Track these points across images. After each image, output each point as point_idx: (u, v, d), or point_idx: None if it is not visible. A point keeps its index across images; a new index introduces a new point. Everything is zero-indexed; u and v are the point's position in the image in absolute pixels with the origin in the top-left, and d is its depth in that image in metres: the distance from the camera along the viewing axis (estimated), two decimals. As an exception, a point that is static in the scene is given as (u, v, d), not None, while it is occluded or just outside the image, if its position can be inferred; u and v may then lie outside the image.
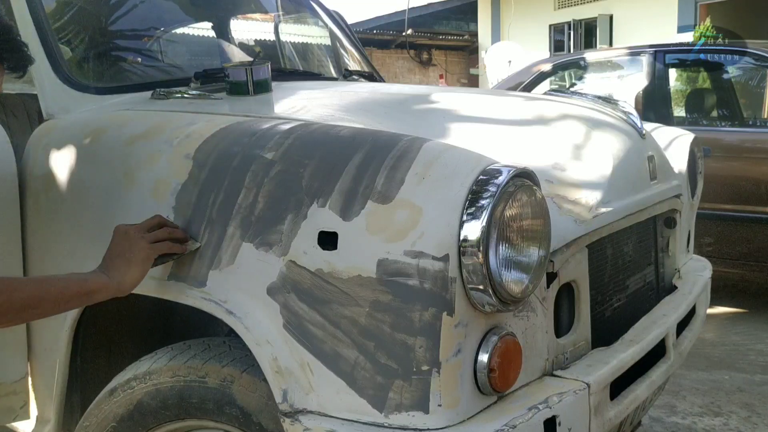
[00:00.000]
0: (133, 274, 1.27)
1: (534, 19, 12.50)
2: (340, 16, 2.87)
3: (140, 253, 1.27)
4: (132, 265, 1.27)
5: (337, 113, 1.59)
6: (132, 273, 1.27)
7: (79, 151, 1.54)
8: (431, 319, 1.12)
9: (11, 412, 1.64)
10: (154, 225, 1.32)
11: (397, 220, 1.14)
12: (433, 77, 15.31)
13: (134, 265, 1.27)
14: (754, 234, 3.79)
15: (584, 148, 1.66)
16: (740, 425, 2.68)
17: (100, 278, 1.24)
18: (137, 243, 1.27)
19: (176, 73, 2.08)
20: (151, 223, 1.33)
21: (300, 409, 1.20)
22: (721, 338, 3.68)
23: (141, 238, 1.28)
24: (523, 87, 4.85)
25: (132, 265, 1.27)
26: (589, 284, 1.47)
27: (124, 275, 1.26)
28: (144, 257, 1.27)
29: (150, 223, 1.33)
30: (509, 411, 1.20)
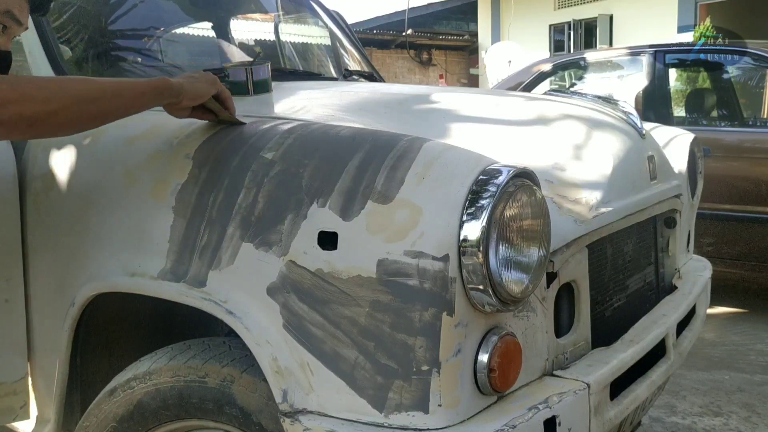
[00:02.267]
0: (199, 87, 1.34)
1: (534, 19, 12.50)
2: (340, 16, 2.87)
3: (209, 76, 1.37)
4: (200, 81, 1.34)
5: (337, 113, 1.59)
6: (198, 86, 1.34)
7: (79, 151, 1.54)
8: (431, 319, 1.12)
9: (11, 412, 1.64)
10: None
11: (397, 220, 1.14)
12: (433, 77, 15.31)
13: (201, 81, 1.34)
14: (754, 234, 3.79)
15: (584, 148, 1.66)
16: (740, 425, 2.68)
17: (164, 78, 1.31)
18: (206, 75, 1.37)
19: (176, 73, 2.08)
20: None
21: (300, 409, 1.20)
22: (721, 338, 3.68)
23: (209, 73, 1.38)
24: (523, 87, 4.85)
25: (200, 81, 1.34)
26: (589, 284, 1.47)
27: (191, 85, 1.33)
28: (212, 80, 1.36)
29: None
30: (509, 411, 1.20)
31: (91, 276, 1.47)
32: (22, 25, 1.28)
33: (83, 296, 1.45)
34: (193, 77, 1.35)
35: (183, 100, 1.33)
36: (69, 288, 1.51)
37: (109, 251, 1.44)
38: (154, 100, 1.30)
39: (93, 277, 1.46)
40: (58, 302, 1.55)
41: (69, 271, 1.53)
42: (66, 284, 1.53)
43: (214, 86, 1.36)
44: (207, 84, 1.35)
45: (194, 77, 1.35)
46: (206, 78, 1.37)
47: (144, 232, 1.40)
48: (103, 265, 1.46)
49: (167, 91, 1.30)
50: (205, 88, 1.35)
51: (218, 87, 1.38)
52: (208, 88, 1.35)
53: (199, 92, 1.34)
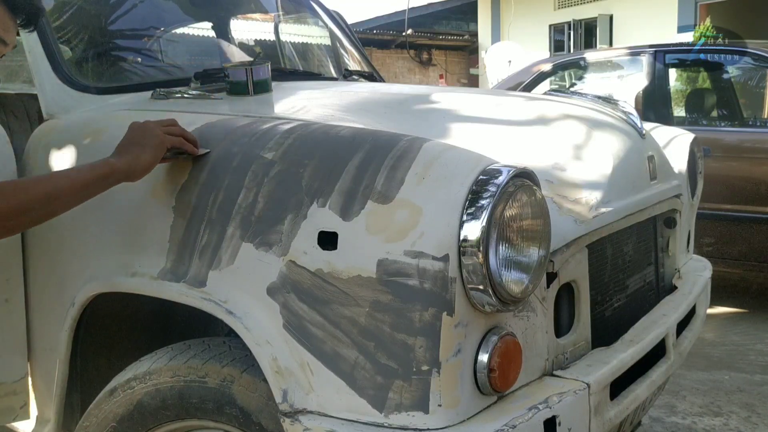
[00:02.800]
0: (146, 158, 1.29)
1: (534, 19, 12.50)
2: (340, 16, 2.87)
3: (153, 139, 1.30)
4: (145, 150, 1.29)
5: (337, 113, 1.59)
6: (144, 157, 1.29)
7: (79, 151, 1.54)
8: (431, 319, 1.12)
9: (11, 412, 1.64)
10: (169, 123, 1.36)
11: (397, 220, 1.14)
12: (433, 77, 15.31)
13: (147, 150, 1.29)
14: (754, 234, 3.79)
15: (584, 148, 1.66)
16: (740, 425, 2.68)
17: (112, 163, 1.27)
18: (152, 130, 1.30)
19: (176, 73, 2.08)
20: (166, 121, 1.37)
21: (300, 409, 1.20)
22: (721, 338, 3.68)
23: (156, 126, 1.31)
24: (523, 87, 4.85)
25: (145, 150, 1.29)
26: (589, 284, 1.47)
27: (137, 159, 1.28)
28: (158, 143, 1.30)
29: (166, 121, 1.37)
30: (509, 411, 1.20)
31: (91, 276, 1.47)
32: (8, 44, 1.27)
33: (83, 296, 1.45)
34: (139, 146, 1.29)
35: (135, 176, 1.30)
36: (69, 288, 1.51)
37: (109, 251, 1.44)
38: (103, 187, 1.28)
39: (93, 277, 1.46)
40: (58, 302, 1.55)
41: (69, 271, 1.53)
42: (66, 284, 1.53)
43: (162, 147, 1.31)
44: (155, 149, 1.30)
45: (141, 145, 1.29)
46: (153, 143, 1.30)
47: (144, 232, 1.40)
48: (103, 265, 1.46)
49: (114, 176, 1.27)
50: (152, 156, 1.30)
51: (167, 144, 1.32)
52: (156, 152, 1.30)
53: (148, 163, 1.30)
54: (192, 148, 1.35)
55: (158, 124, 1.35)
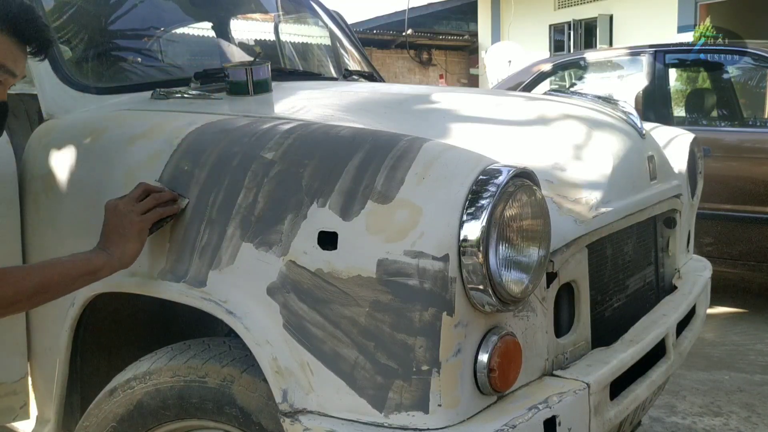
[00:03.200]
0: (132, 247, 1.30)
1: (534, 19, 12.50)
2: (340, 16, 2.87)
3: (133, 227, 1.30)
4: (129, 240, 1.30)
5: (337, 113, 1.59)
6: (130, 246, 1.30)
7: (79, 151, 1.54)
8: (431, 319, 1.12)
9: (11, 412, 1.64)
10: (141, 194, 1.34)
11: (397, 220, 1.14)
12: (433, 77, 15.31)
13: (131, 240, 1.30)
14: (754, 234, 3.79)
15: (584, 148, 1.66)
16: (740, 425, 2.68)
17: (102, 256, 1.28)
18: (128, 218, 1.30)
19: (176, 73, 2.08)
20: (137, 193, 1.34)
21: (300, 409, 1.20)
22: (721, 338, 3.68)
23: (131, 212, 1.31)
24: (523, 87, 4.85)
25: (129, 240, 1.30)
26: (589, 284, 1.47)
27: (124, 250, 1.29)
28: (138, 230, 1.31)
29: (137, 194, 1.34)
30: (509, 411, 1.20)
31: (91, 276, 1.47)
32: (17, 76, 1.27)
33: (83, 296, 1.45)
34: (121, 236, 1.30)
35: (126, 266, 1.31)
36: (69, 288, 1.51)
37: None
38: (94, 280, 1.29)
39: (93, 277, 1.46)
40: (58, 302, 1.54)
41: (69, 271, 1.53)
42: (66, 284, 1.53)
43: (144, 232, 1.31)
44: (137, 236, 1.30)
45: (123, 235, 1.30)
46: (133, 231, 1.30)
47: (144, 232, 1.40)
48: (103, 265, 1.46)
49: (107, 269, 1.28)
50: (138, 243, 1.31)
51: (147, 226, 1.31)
52: (140, 238, 1.31)
53: (135, 251, 1.31)
54: (171, 210, 1.34)
55: (131, 203, 1.32)
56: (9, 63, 1.23)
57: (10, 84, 1.28)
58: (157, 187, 1.36)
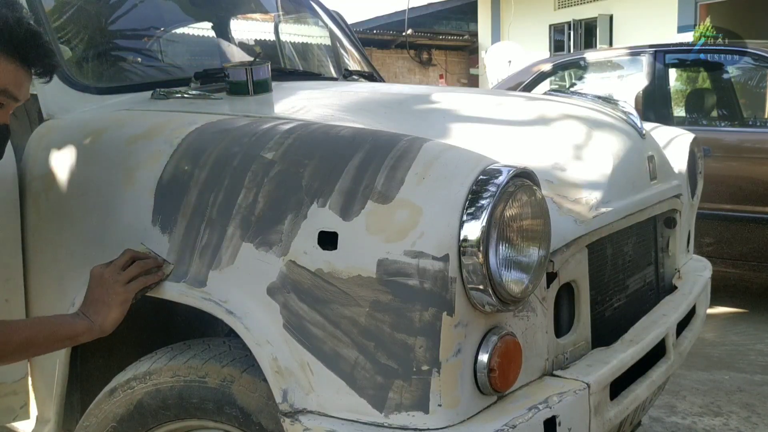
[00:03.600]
0: (113, 316, 1.33)
1: (534, 19, 12.50)
2: (340, 16, 2.87)
3: (117, 297, 1.33)
4: (111, 309, 1.33)
5: (337, 113, 1.59)
6: (112, 315, 1.33)
7: (79, 151, 1.54)
8: (431, 319, 1.12)
9: (11, 412, 1.64)
10: (126, 262, 1.36)
11: (397, 220, 1.14)
12: (433, 77, 15.31)
13: (113, 308, 1.33)
14: (754, 234, 3.79)
15: (584, 148, 1.66)
16: (740, 425, 2.68)
17: (84, 323, 1.32)
18: (113, 287, 1.33)
19: (176, 73, 2.08)
20: (123, 261, 1.36)
21: (300, 409, 1.20)
22: (721, 338, 3.68)
23: (115, 282, 1.33)
24: (523, 87, 4.85)
25: (111, 309, 1.33)
26: (589, 284, 1.47)
27: (105, 318, 1.32)
28: (121, 300, 1.33)
29: (122, 261, 1.36)
30: (509, 411, 1.20)
31: (91, 276, 1.47)
32: (20, 100, 1.28)
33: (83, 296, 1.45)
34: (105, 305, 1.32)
35: (106, 333, 1.33)
36: (69, 288, 1.51)
37: (109, 251, 1.44)
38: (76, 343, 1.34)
39: (93, 277, 1.46)
40: (58, 302, 1.55)
41: (69, 271, 1.53)
42: (66, 284, 1.53)
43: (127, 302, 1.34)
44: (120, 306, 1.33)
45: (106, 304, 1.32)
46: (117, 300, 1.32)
47: (144, 232, 1.40)
48: (103, 265, 1.46)
49: (87, 335, 1.31)
50: (120, 312, 1.33)
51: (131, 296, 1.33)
52: (123, 308, 1.33)
53: (117, 319, 1.33)
54: (155, 278, 1.35)
55: (116, 274, 1.33)
56: (12, 88, 1.24)
57: (12, 108, 1.28)
58: (142, 254, 1.37)
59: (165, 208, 1.38)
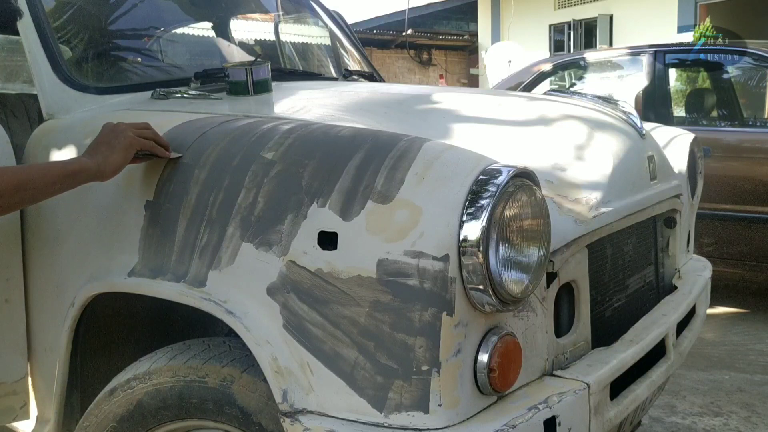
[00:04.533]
0: (115, 158, 1.31)
1: (534, 19, 12.50)
2: (340, 16, 2.87)
3: (124, 140, 1.31)
4: (114, 150, 1.30)
5: (337, 113, 1.59)
6: (114, 157, 1.31)
7: (79, 151, 1.54)
8: (431, 319, 1.12)
9: (11, 412, 1.64)
10: (142, 126, 1.37)
11: (397, 220, 1.14)
12: (433, 77, 15.31)
13: (117, 151, 1.31)
14: (754, 234, 3.79)
15: (584, 148, 1.66)
16: (740, 425, 2.68)
17: (81, 160, 1.29)
18: (123, 132, 1.32)
19: (176, 73, 2.08)
20: (140, 124, 1.37)
21: (300, 409, 1.20)
22: (721, 338, 3.68)
23: (128, 128, 1.32)
24: (523, 87, 4.85)
25: (114, 150, 1.30)
26: (589, 284, 1.47)
27: (106, 158, 1.30)
28: (127, 144, 1.31)
29: (139, 124, 1.37)
30: (509, 411, 1.20)
31: (90, 276, 1.47)
32: None
33: (83, 296, 1.45)
34: (109, 147, 1.32)
35: (105, 176, 1.32)
36: (69, 288, 1.51)
37: (109, 251, 1.44)
38: (73, 185, 1.30)
39: (93, 277, 1.46)
40: (58, 302, 1.55)
41: (69, 271, 1.53)
42: (66, 284, 1.53)
43: (132, 149, 1.33)
44: (124, 150, 1.32)
45: (110, 146, 1.31)
46: (123, 144, 1.32)
47: (144, 233, 1.40)
48: (103, 266, 1.46)
49: (84, 174, 1.29)
50: (122, 157, 1.32)
51: (137, 146, 1.34)
52: (126, 154, 1.32)
53: (117, 163, 1.32)
54: (163, 152, 1.36)
55: (130, 126, 1.35)
56: None
57: None
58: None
59: (165, 208, 1.37)
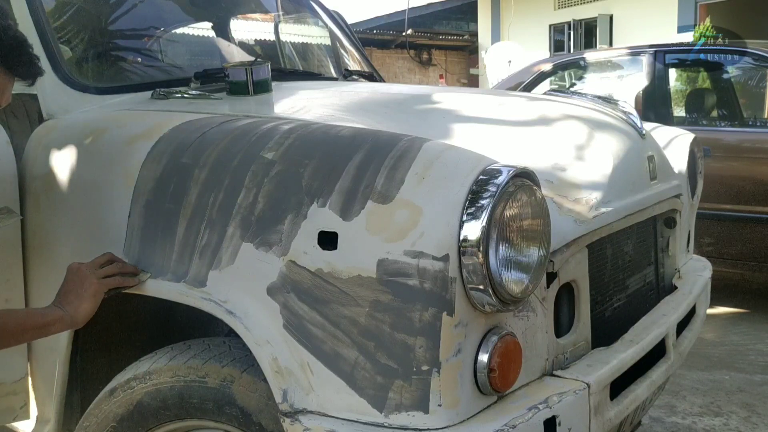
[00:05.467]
0: (85, 307, 1.34)
1: (534, 19, 12.50)
2: (340, 16, 2.87)
3: (90, 288, 1.34)
4: (83, 300, 1.34)
5: (337, 113, 1.59)
6: (84, 307, 1.34)
7: (79, 151, 1.54)
8: (431, 319, 1.12)
9: (11, 412, 1.64)
10: (104, 262, 1.39)
11: (397, 220, 1.14)
12: (433, 77, 15.30)
13: (85, 300, 1.34)
14: (754, 234, 3.79)
15: (584, 148, 1.66)
16: (740, 425, 2.68)
17: (56, 312, 1.33)
18: (87, 279, 1.35)
19: (176, 73, 2.08)
20: (101, 260, 1.39)
21: (300, 409, 1.20)
22: (721, 338, 3.68)
23: (91, 274, 1.35)
24: (523, 87, 4.84)
25: (83, 300, 1.34)
26: (589, 284, 1.47)
27: (77, 309, 1.33)
28: (93, 292, 1.34)
29: (101, 260, 1.39)
30: (509, 411, 1.20)
31: (91, 276, 1.47)
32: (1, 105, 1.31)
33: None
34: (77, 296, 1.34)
35: (78, 325, 1.35)
36: (69, 288, 1.51)
37: (109, 251, 1.44)
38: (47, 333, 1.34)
39: (93, 277, 1.46)
40: (58, 302, 1.54)
41: (69, 271, 1.53)
42: (66, 284, 1.53)
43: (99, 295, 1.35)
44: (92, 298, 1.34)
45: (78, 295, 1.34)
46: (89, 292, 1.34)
47: (144, 232, 1.40)
48: (103, 265, 1.46)
49: (59, 324, 1.33)
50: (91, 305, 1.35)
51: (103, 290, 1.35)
52: (94, 301, 1.35)
53: (88, 311, 1.35)
54: (130, 282, 1.38)
55: (93, 269, 1.36)
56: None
57: None
58: (121, 259, 1.40)
59: (165, 208, 1.37)
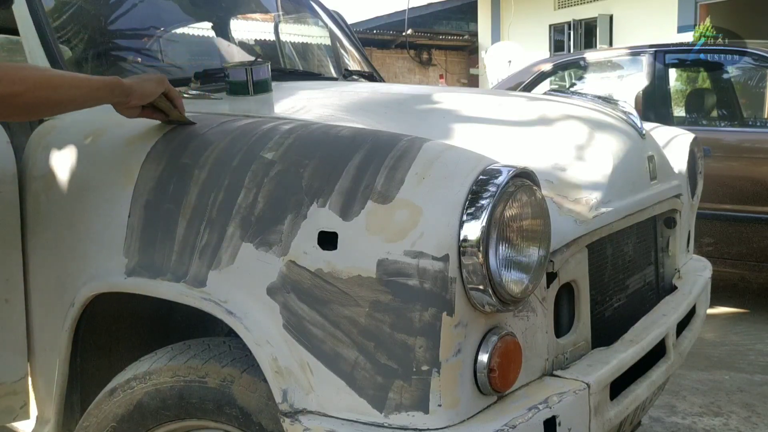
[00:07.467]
0: (148, 86, 1.40)
1: (534, 19, 12.50)
2: (340, 16, 2.87)
3: (157, 76, 1.41)
4: (150, 80, 1.40)
5: (337, 113, 1.59)
6: (148, 85, 1.39)
7: (79, 151, 1.54)
8: (431, 319, 1.12)
9: (11, 412, 1.64)
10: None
11: (397, 220, 1.14)
12: (433, 77, 15.31)
13: (151, 81, 1.40)
14: (754, 234, 3.79)
15: (584, 148, 1.66)
16: (740, 425, 2.68)
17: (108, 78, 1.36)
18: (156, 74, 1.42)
19: (176, 73, 2.08)
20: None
21: (300, 409, 1.20)
22: (721, 338, 3.68)
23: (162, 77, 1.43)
24: (523, 87, 4.85)
25: (150, 80, 1.40)
26: (589, 284, 1.47)
27: (141, 84, 1.39)
28: (159, 79, 1.41)
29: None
30: (509, 411, 1.20)
31: (91, 276, 1.47)
32: None
33: (83, 296, 1.45)
34: (143, 78, 1.41)
35: (132, 100, 1.38)
36: (69, 288, 1.51)
37: (109, 251, 1.44)
38: (106, 97, 1.36)
39: (93, 277, 1.46)
40: (58, 302, 1.55)
41: (69, 271, 1.53)
42: (66, 284, 1.53)
43: (162, 85, 1.41)
44: (155, 84, 1.40)
45: (144, 78, 1.41)
46: (155, 78, 1.42)
47: (144, 233, 1.40)
48: (103, 265, 1.46)
49: (118, 89, 1.36)
50: (153, 87, 1.40)
51: (166, 86, 1.42)
52: (157, 87, 1.40)
53: (147, 92, 1.39)
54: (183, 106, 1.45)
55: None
56: None
57: None
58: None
59: (165, 208, 1.37)
